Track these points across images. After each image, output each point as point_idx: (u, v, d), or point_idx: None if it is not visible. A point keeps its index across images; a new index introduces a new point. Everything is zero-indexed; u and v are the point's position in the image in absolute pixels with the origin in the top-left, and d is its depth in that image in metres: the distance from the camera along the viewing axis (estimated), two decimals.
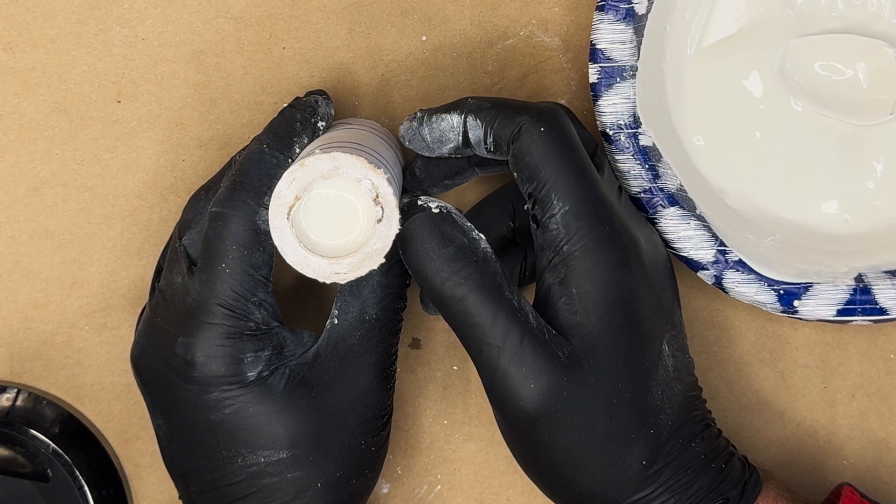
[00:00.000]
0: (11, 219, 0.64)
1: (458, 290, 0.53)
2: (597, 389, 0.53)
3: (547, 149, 0.53)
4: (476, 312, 0.53)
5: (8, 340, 0.64)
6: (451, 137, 0.56)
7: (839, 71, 0.61)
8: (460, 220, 0.54)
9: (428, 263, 0.53)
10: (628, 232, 0.54)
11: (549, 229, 0.53)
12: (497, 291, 0.53)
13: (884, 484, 0.64)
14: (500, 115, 0.54)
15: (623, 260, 0.53)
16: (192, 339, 0.53)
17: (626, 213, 0.55)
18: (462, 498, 0.64)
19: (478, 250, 0.53)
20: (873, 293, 0.60)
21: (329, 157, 0.51)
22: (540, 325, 0.53)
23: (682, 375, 0.55)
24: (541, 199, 0.53)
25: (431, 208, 0.53)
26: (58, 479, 0.62)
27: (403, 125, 0.57)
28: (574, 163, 0.54)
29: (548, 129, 0.54)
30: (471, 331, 0.53)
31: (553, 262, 0.53)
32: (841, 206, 0.62)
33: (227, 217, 0.54)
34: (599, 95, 0.60)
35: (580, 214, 0.53)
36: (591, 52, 0.60)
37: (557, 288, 0.53)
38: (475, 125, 0.55)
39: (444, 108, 0.56)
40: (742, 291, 0.60)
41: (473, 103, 0.55)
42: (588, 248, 0.53)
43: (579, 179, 0.53)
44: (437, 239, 0.53)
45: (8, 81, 0.63)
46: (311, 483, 0.55)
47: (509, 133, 0.54)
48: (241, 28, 0.63)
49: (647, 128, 0.60)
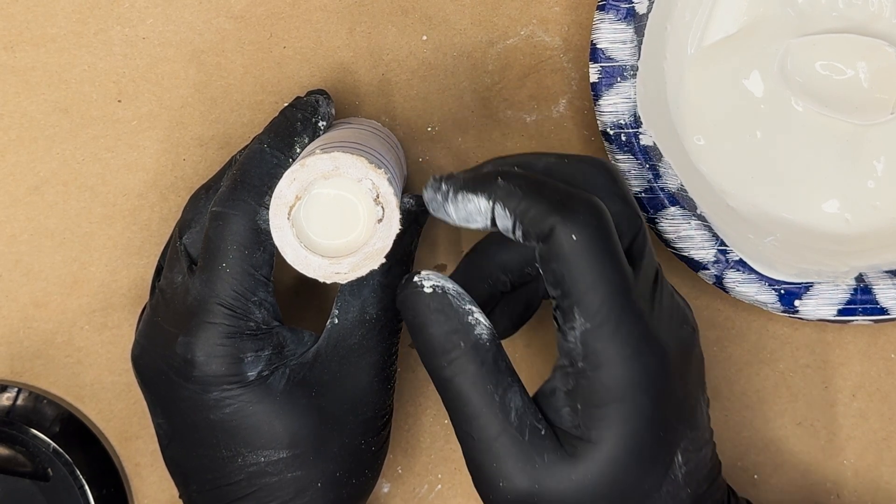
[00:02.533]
0: (12, 218, 0.64)
1: (442, 372, 0.51)
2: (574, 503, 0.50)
3: (576, 261, 0.49)
4: (456, 398, 0.51)
5: (8, 339, 0.64)
6: (478, 220, 0.52)
7: (840, 70, 0.61)
8: (457, 302, 0.51)
9: (417, 340, 0.52)
10: (654, 348, 0.50)
11: (567, 340, 0.50)
12: (480, 383, 0.50)
13: (884, 484, 0.64)
14: (530, 210, 0.50)
15: (641, 384, 0.49)
16: (192, 338, 0.53)
17: (656, 316, 0.51)
18: (462, 497, 0.64)
19: (469, 336, 0.51)
20: (874, 293, 0.60)
21: (330, 157, 0.51)
22: (523, 424, 0.50)
23: (695, 478, 0.52)
24: (563, 308, 0.50)
25: (425, 288, 0.51)
26: (58, 479, 0.62)
27: (427, 193, 0.52)
28: (603, 279, 0.49)
29: (580, 238, 0.49)
30: (452, 413, 0.52)
31: (566, 369, 0.50)
32: (841, 206, 0.62)
33: (228, 216, 0.54)
34: (600, 95, 0.60)
35: (601, 337, 0.49)
36: (592, 52, 0.60)
37: (563, 396, 0.50)
38: (503, 215, 0.50)
39: (472, 185, 0.51)
40: (743, 291, 0.60)
41: (504, 188, 0.51)
42: (602, 373, 0.49)
43: (606, 298, 0.49)
44: (426, 319, 0.51)
45: (8, 80, 0.63)
46: (311, 483, 0.55)
47: (539, 232, 0.50)
48: (242, 27, 0.63)
49: (648, 127, 0.60)
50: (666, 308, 0.52)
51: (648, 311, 0.51)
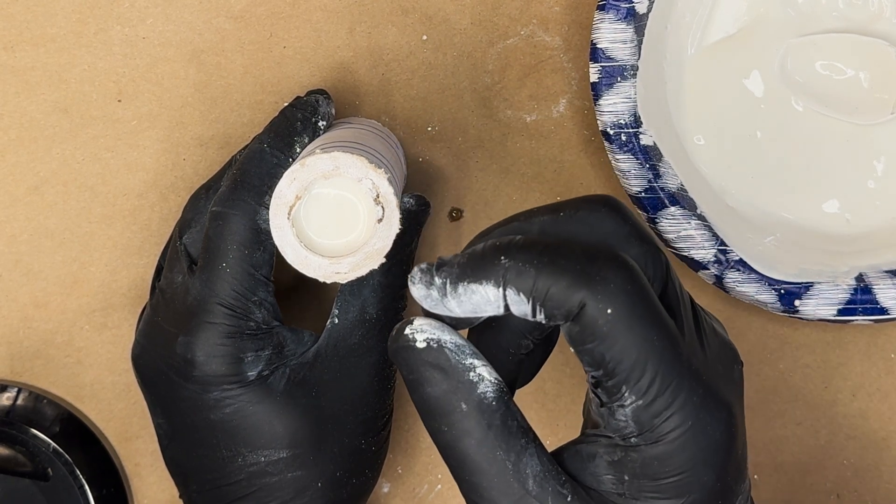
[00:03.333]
0: (12, 218, 0.64)
1: (443, 436, 0.44)
2: None
3: (616, 337, 0.43)
4: (461, 467, 0.44)
5: (8, 339, 0.64)
6: (488, 310, 0.44)
7: (840, 70, 0.61)
8: (455, 357, 0.44)
9: (413, 398, 0.45)
10: (718, 410, 0.44)
11: (616, 418, 0.44)
12: (488, 449, 0.44)
13: (885, 484, 0.64)
14: (550, 288, 0.43)
15: (704, 457, 0.44)
16: (192, 338, 0.53)
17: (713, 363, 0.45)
18: (462, 497, 0.64)
19: (471, 395, 0.44)
20: (874, 293, 0.60)
21: (330, 157, 0.51)
22: (544, 491, 0.44)
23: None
24: (607, 388, 0.44)
25: (417, 343, 0.44)
26: (58, 479, 0.62)
27: (418, 289, 0.44)
28: (650, 348, 0.43)
29: (616, 310, 0.42)
30: (458, 481, 0.45)
31: (612, 440, 0.44)
32: (842, 206, 0.62)
33: (228, 216, 0.54)
34: (600, 95, 0.60)
35: (656, 412, 0.43)
36: (592, 52, 0.60)
37: (606, 465, 0.44)
38: (518, 300, 0.43)
39: (472, 272, 0.44)
40: (743, 291, 0.60)
41: (512, 269, 0.43)
42: (660, 449, 0.43)
43: (658, 368, 0.43)
44: (420, 377, 0.44)
45: (8, 80, 0.63)
46: (311, 482, 0.55)
47: (566, 311, 0.43)
48: (242, 27, 0.63)
49: (648, 127, 0.60)
50: (716, 352, 0.46)
51: (703, 367, 0.45)
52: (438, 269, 0.44)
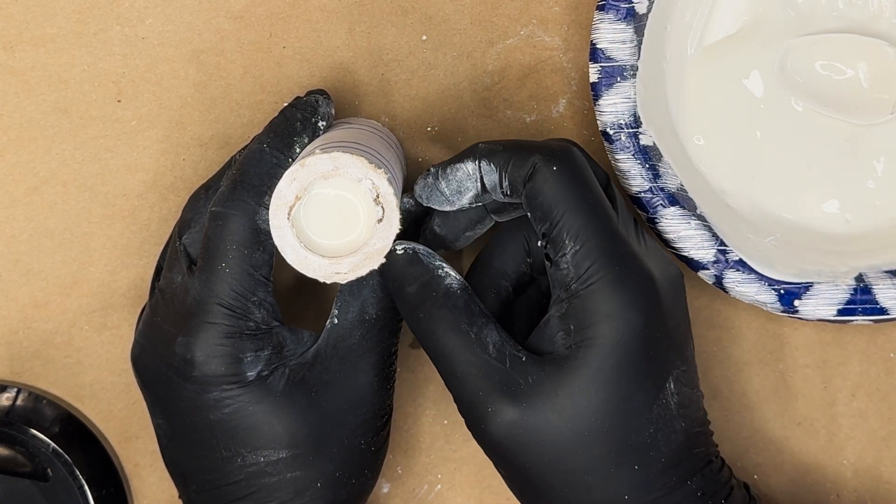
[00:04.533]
0: (11, 218, 0.64)
1: (420, 324, 0.54)
2: (566, 420, 0.52)
3: (559, 188, 0.53)
4: (436, 345, 0.53)
5: (8, 340, 0.64)
6: (469, 186, 0.55)
7: (840, 70, 0.61)
8: (426, 259, 0.54)
9: (398, 302, 0.55)
10: (641, 269, 0.53)
11: (560, 268, 0.53)
12: (454, 324, 0.53)
13: (884, 483, 0.64)
14: (512, 157, 0.54)
15: (631, 301, 0.52)
16: (191, 338, 0.53)
17: (641, 248, 0.54)
18: (462, 498, 0.64)
19: (439, 286, 0.54)
20: (874, 293, 0.60)
21: (329, 157, 0.51)
22: (502, 354, 0.53)
23: (688, 412, 0.54)
24: (553, 239, 0.53)
25: (397, 250, 0.54)
26: (58, 479, 0.62)
27: (418, 185, 0.56)
28: (587, 201, 0.53)
29: (560, 168, 0.53)
30: (435, 362, 0.54)
31: (560, 296, 0.53)
32: (841, 206, 0.62)
33: (227, 216, 0.54)
34: (600, 95, 0.60)
35: (591, 254, 0.52)
36: (592, 52, 0.60)
37: (556, 321, 0.53)
38: (490, 170, 0.54)
39: (457, 158, 0.55)
40: (742, 291, 0.60)
41: (485, 148, 0.55)
42: (594, 288, 0.52)
43: (591, 218, 0.53)
44: (402, 280, 0.54)
45: (8, 80, 0.63)
46: (310, 483, 0.55)
47: (523, 174, 0.53)
48: (242, 27, 0.63)
49: (648, 127, 0.60)
50: (651, 246, 0.55)
51: (634, 241, 0.54)
52: (433, 167, 0.56)
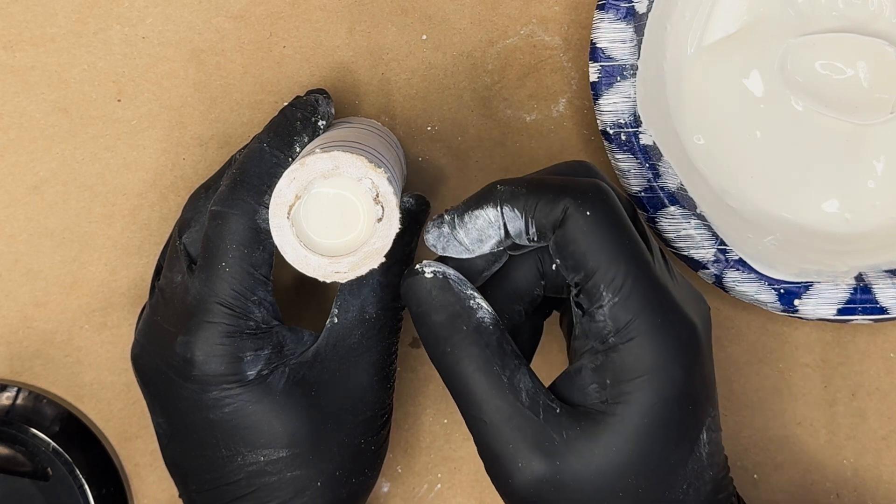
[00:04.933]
0: (11, 217, 0.64)
1: (446, 358, 0.51)
2: (598, 479, 0.49)
3: (594, 236, 0.49)
4: (463, 385, 0.51)
5: (8, 339, 0.64)
6: (491, 234, 0.51)
7: (840, 70, 0.61)
8: (458, 287, 0.51)
9: (420, 330, 0.52)
10: (683, 320, 0.50)
11: (595, 320, 0.50)
12: (486, 365, 0.50)
13: (884, 483, 0.64)
14: (539, 201, 0.50)
15: (673, 356, 0.49)
16: (191, 337, 0.53)
17: (678, 290, 0.51)
18: (462, 497, 0.64)
19: (471, 319, 0.51)
20: (873, 292, 0.60)
21: (329, 157, 0.51)
22: (535, 404, 0.50)
23: (716, 459, 0.52)
24: (587, 290, 0.50)
25: (426, 273, 0.51)
26: (58, 478, 0.62)
27: (431, 233, 0.52)
28: (624, 249, 0.50)
29: (594, 213, 0.50)
30: (459, 401, 0.51)
31: (595, 348, 0.50)
32: (841, 206, 0.62)
33: (227, 216, 0.54)
34: (600, 94, 0.60)
35: (630, 307, 0.49)
36: (592, 51, 0.60)
37: (590, 373, 0.50)
38: (514, 216, 0.51)
39: (475, 202, 0.51)
40: (742, 290, 0.60)
41: (505, 191, 0.51)
42: (634, 344, 0.49)
43: (630, 268, 0.49)
44: (428, 307, 0.51)
45: (8, 80, 0.63)
46: (310, 482, 0.55)
47: (553, 220, 0.50)
48: (242, 27, 0.63)
49: (648, 127, 0.60)
50: (682, 284, 0.52)
51: (671, 285, 0.51)
52: (446, 212, 0.52)
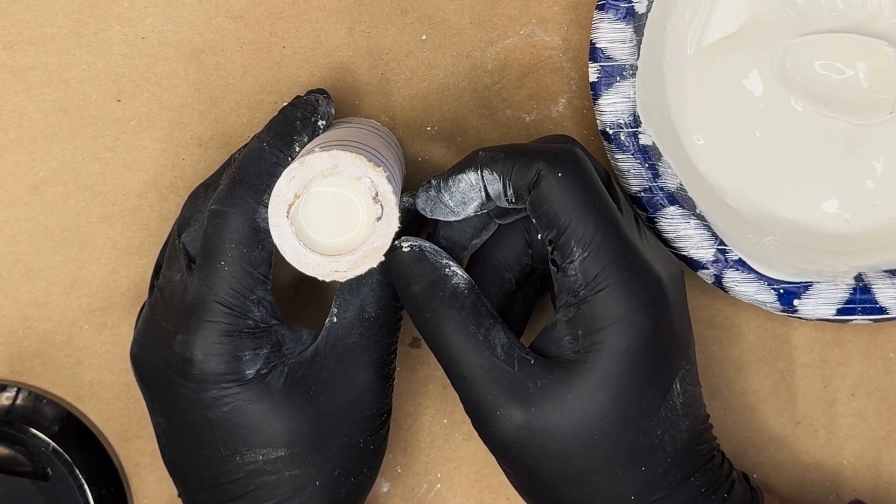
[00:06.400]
0: (11, 218, 0.64)
1: (426, 323, 0.54)
2: (574, 424, 0.52)
3: (565, 195, 0.52)
4: (443, 345, 0.53)
5: (8, 339, 0.64)
6: (473, 196, 0.54)
7: (839, 70, 0.61)
8: (433, 257, 0.54)
9: (403, 299, 0.55)
10: (650, 273, 0.53)
11: (567, 275, 0.52)
12: (462, 325, 0.53)
13: (884, 483, 0.64)
14: (515, 164, 0.53)
15: (640, 306, 0.52)
16: (190, 336, 0.53)
17: (646, 248, 0.54)
18: (462, 497, 0.64)
19: (447, 285, 0.54)
20: (873, 292, 0.60)
21: (329, 156, 0.51)
22: (510, 356, 0.53)
23: (692, 410, 0.54)
24: (560, 246, 0.52)
25: (403, 248, 0.54)
26: (58, 478, 0.62)
27: (420, 197, 0.55)
28: (593, 207, 0.52)
29: (565, 174, 0.53)
30: (442, 362, 0.54)
31: (568, 301, 0.53)
32: (841, 206, 0.62)
33: (227, 215, 0.54)
34: (599, 94, 0.60)
35: (599, 260, 0.52)
36: (591, 51, 0.60)
37: (564, 325, 0.53)
38: (493, 178, 0.54)
39: (458, 168, 0.54)
40: (742, 290, 0.60)
41: (485, 156, 0.54)
42: (603, 294, 0.52)
43: (599, 224, 0.52)
44: (408, 278, 0.54)
45: (8, 80, 0.63)
46: (309, 481, 0.55)
47: (527, 181, 0.53)
48: (241, 27, 0.63)
49: (647, 126, 0.60)
50: (653, 245, 0.55)
51: (640, 243, 0.53)
52: (434, 177, 0.55)
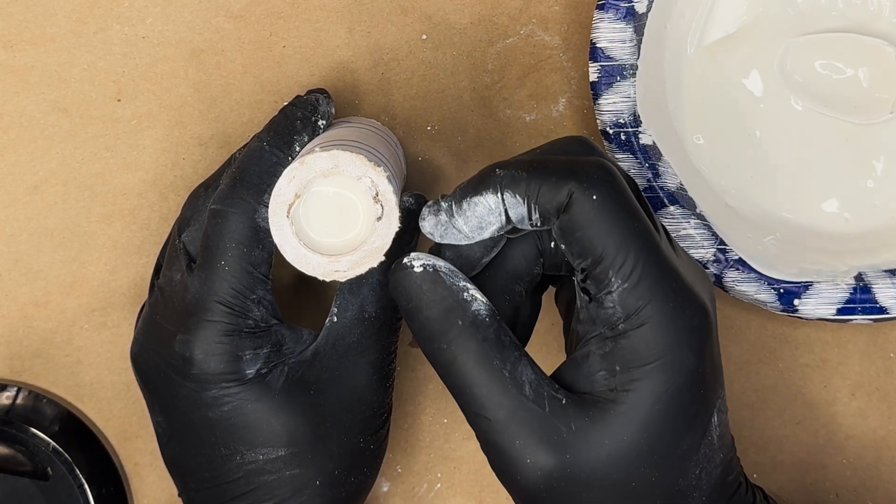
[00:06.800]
0: (11, 217, 0.64)
1: (442, 355, 0.49)
2: (610, 470, 0.48)
3: (601, 221, 0.47)
4: (462, 382, 0.48)
5: (8, 339, 0.64)
6: (492, 221, 0.49)
7: (839, 70, 0.61)
8: (450, 280, 0.49)
9: (413, 325, 0.50)
10: (695, 304, 0.48)
11: (604, 307, 0.48)
12: (485, 360, 0.48)
13: (884, 483, 0.64)
14: (542, 186, 0.48)
15: (685, 342, 0.47)
16: (190, 336, 0.53)
17: (687, 271, 0.49)
18: (462, 496, 0.64)
19: (466, 312, 0.48)
20: (873, 292, 0.60)
21: (329, 155, 0.51)
22: (540, 396, 0.48)
23: (725, 441, 0.50)
24: (595, 276, 0.48)
25: (415, 267, 0.49)
26: (58, 478, 0.62)
27: (428, 220, 0.50)
28: (632, 234, 0.47)
29: (600, 197, 0.47)
30: (459, 399, 0.49)
31: (603, 334, 0.48)
32: (841, 205, 0.62)
33: (227, 214, 0.54)
34: (599, 94, 0.60)
35: (642, 293, 0.47)
36: (592, 51, 0.60)
37: (599, 360, 0.48)
38: (515, 202, 0.48)
39: (472, 188, 0.49)
40: (742, 290, 0.60)
41: (505, 175, 0.48)
42: (645, 330, 0.47)
43: (640, 253, 0.47)
44: (419, 302, 0.49)
45: (8, 80, 0.63)
46: (309, 481, 0.55)
47: (557, 205, 0.48)
48: (242, 27, 0.63)
49: (647, 126, 0.60)
50: (688, 262, 0.50)
51: (680, 266, 0.49)
52: (443, 198, 0.50)
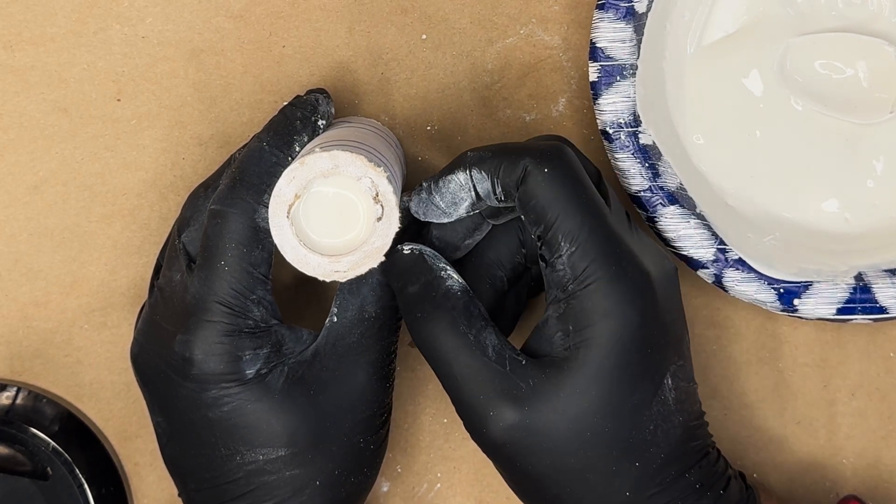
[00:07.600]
0: (11, 217, 0.64)
1: (417, 323, 0.54)
2: (567, 422, 0.52)
3: (552, 190, 0.53)
4: (434, 345, 0.53)
5: (8, 339, 0.64)
6: (463, 196, 0.55)
7: (839, 70, 0.61)
8: (431, 260, 0.55)
9: (399, 301, 0.55)
10: (637, 267, 0.53)
11: (556, 270, 0.52)
12: (452, 326, 0.53)
13: (884, 483, 0.64)
14: (503, 162, 0.54)
15: (628, 299, 0.52)
16: (190, 336, 0.53)
17: (636, 243, 0.54)
18: (462, 496, 0.64)
19: (439, 288, 0.54)
20: (873, 292, 0.60)
21: (329, 156, 0.51)
22: (501, 357, 0.53)
23: (685, 406, 0.54)
24: (548, 241, 0.53)
25: (404, 250, 0.55)
26: (57, 478, 0.62)
27: (413, 201, 0.56)
28: (580, 202, 0.53)
29: (551, 169, 0.53)
30: (432, 362, 0.54)
31: (557, 297, 0.53)
32: (841, 205, 0.62)
33: (227, 215, 0.54)
34: (599, 94, 0.60)
35: (586, 255, 0.52)
36: (591, 51, 0.60)
37: (554, 322, 0.53)
38: (481, 178, 0.54)
39: (447, 169, 0.55)
40: (742, 290, 0.60)
41: (473, 156, 0.54)
42: (591, 289, 0.52)
43: (585, 218, 0.52)
44: (405, 279, 0.55)
45: (7, 80, 0.63)
46: (309, 481, 0.55)
47: (515, 178, 0.53)
48: (241, 26, 0.63)
49: (647, 126, 0.60)
50: (644, 241, 0.55)
51: (628, 238, 0.53)
52: (425, 179, 0.56)
